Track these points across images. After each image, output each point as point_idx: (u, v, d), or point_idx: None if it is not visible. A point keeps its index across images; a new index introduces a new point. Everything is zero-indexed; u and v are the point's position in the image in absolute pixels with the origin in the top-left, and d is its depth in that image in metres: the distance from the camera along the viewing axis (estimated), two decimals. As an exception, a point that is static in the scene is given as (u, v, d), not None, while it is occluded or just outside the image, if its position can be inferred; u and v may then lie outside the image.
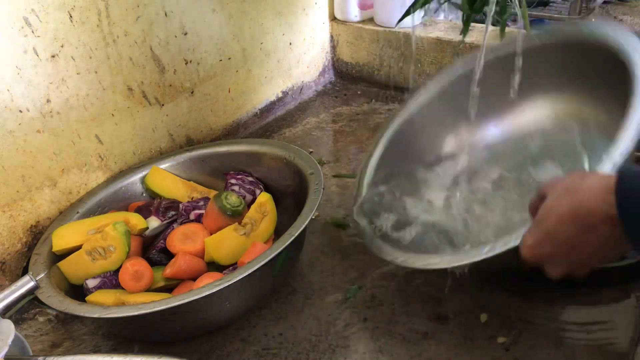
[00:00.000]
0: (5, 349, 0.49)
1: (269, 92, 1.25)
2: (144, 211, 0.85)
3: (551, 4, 2.51)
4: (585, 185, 0.52)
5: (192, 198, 0.90)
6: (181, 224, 0.83)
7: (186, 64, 1.02)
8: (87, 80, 0.84)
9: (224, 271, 0.77)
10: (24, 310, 0.78)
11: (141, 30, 0.91)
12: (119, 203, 0.89)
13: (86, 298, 0.74)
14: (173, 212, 0.84)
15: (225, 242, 0.78)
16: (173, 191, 0.91)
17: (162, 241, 0.81)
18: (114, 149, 0.92)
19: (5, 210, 0.78)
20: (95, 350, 0.72)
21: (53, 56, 0.79)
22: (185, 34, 1.00)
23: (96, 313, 0.65)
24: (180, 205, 0.85)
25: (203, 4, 1.02)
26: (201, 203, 0.86)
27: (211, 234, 0.80)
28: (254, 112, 1.23)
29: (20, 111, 0.77)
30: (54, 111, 0.81)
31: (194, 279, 0.76)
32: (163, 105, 0.99)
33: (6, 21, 0.72)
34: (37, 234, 0.83)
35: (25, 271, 0.80)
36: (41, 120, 0.80)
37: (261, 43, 1.19)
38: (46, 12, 0.76)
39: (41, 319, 0.77)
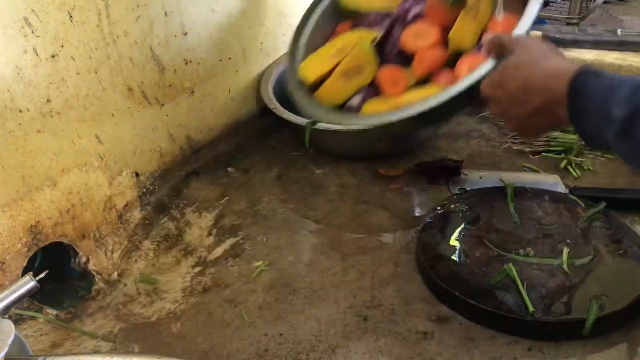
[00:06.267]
0: (5, 349, 0.49)
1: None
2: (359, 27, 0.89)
3: (551, 3, 2.51)
4: (548, 65, 0.64)
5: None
6: (403, 27, 0.86)
7: (186, 64, 1.02)
8: (87, 80, 0.84)
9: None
10: (23, 310, 0.78)
11: (141, 30, 0.91)
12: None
13: (363, 108, 0.79)
14: (389, 19, 0.87)
15: (465, 30, 0.82)
16: (374, 3, 0.92)
17: (394, 46, 0.84)
18: (114, 149, 0.92)
19: (5, 210, 0.78)
20: (95, 350, 0.72)
21: (53, 56, 0.79)
22: (185, 34, 1.00)
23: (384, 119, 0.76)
24: (396, 10, 0.87)
25: (203, 4, 1.02)
26: (413, 2, 0.88)
27: (440, 27, 0.84)
28: (254, 112, 1.23)
29: (20, 111, 0.77)
30: (54, 111, 0.81)
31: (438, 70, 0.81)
32: (163, 105, 0.99)
33: (6, 21, 0.72)
34: (37, 234, 0.83)
35: (25, 271, 0.80)
36: (41, 120, 0.80)
37: (261, 43, 1.19)
38: (46, 12, 0.76)
39: (41, 319, 0.77)
